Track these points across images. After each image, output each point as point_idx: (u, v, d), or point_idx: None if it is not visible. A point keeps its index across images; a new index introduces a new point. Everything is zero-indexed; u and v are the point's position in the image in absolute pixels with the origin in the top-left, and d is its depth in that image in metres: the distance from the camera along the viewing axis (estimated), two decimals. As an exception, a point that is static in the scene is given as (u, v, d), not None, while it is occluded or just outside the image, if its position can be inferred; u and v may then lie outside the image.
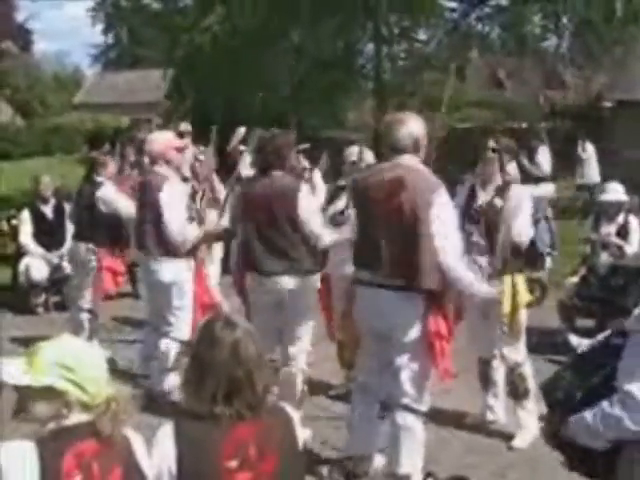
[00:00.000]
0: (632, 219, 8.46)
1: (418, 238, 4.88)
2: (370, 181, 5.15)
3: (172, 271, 6.83)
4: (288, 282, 6.01)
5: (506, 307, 5.83)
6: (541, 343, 6.62)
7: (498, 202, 5.83)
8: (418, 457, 5.16)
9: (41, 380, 2.81)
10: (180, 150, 7.05)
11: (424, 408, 5.17)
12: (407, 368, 5.06)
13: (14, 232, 10.76)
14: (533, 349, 6.44)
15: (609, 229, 8.50)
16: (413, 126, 5.07)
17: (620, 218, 8.48)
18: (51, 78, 56.04)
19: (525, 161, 10.57)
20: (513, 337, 5.96)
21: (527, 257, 6.16)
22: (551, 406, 3.61)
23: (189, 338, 7.03)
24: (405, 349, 5.04)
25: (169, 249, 6.74)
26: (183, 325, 6.97)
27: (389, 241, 4.98)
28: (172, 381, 6.92)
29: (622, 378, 3.17)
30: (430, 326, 4.95)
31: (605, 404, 3.21)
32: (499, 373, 6.27)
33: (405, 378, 5.07)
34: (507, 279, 5.81)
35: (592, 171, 17.89)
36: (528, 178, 9.22)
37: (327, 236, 5.98)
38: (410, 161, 5.04)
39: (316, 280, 6.44)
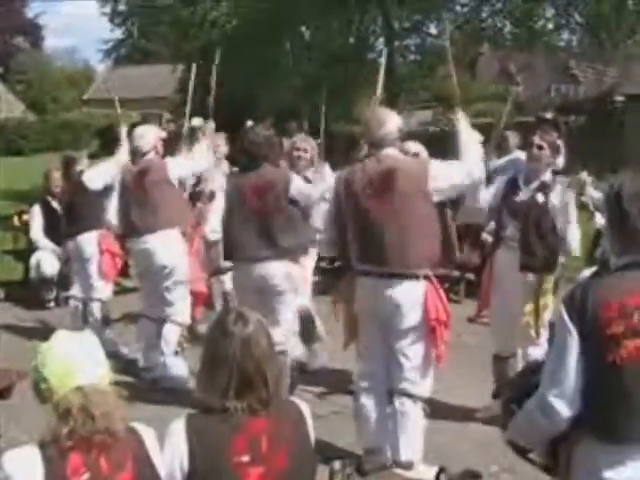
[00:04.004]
0: None
1: (417, 223, 5.07)
2: (360, 175, 5.22)
3: (170, 252, 7.15)
4: (275, 267, 6.19)
5: (531, 306, 5.85)
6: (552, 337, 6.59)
7: (540, 197, 5.88)
8: (418, 443, 5.22)
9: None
10: (164, 141, 7.54)
11: (425, 394, 5.24)
12: (408, 354, 5.15)
13: (25, 227, 10.77)
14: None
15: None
16: (394, 122, 5.26)
17: None
18: (62, 74, 56.15)
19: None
20: (537, 335, 5.95)
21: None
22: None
23: (190, 322, 7.39)
24: (406, 335, 5.13)
25: (171, 223, 7.16)
26: (183, 308, 7.26)
27: (388, 230, 5.08)
28: (178, 365, 7.02)
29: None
30: (431, 312, 5.07)
31: (528, 402, 3.09)
32: (515, 370, 6.22)
33: (405, 364, 5.15)
34: (534, 278, 5.86)
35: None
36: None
37: (315, 189, 6.30)
38: (393, 152, 5.20)
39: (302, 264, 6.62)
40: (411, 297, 5.09)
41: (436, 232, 5.20)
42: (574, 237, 5.96)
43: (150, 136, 7.36)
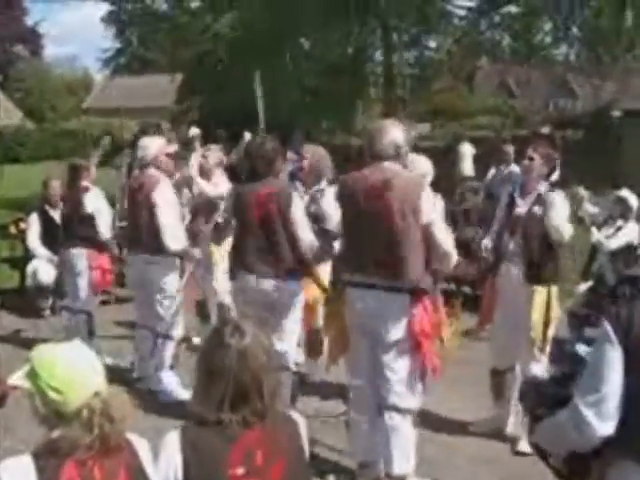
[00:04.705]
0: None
1: (405, 237, 5.00)
2: (356, 185, 5.20)
3: (163, 269, 7.11)
4: (278, 281, 6.12)
5: (539, 319, 5.83)
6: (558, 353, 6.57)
7: (537, 210, 5.89)
8: (410, 456, 5.19)
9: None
10: (170, 156, 7.36)
11: (413, 407, 5.22)
12: (394, 367, 5.12)
13: (22, 235, 10.75)
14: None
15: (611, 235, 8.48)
16: (395, 135, 5.19)
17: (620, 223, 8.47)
18: (61, 82, 56.21)
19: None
20: (539, 350, 5.91)
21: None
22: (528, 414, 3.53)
23: (183, 335, 7.41)
24: (392, 348, 5.10)
25: (160, 248, 6.99)
26: (176, 322, 7.24)
27: (376, 241, 5.06)
28: (171, 379, 7.02)
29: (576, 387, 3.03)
30: (416, 325, 5.03)
31: (560, 413, 3.05)
32: (514, 384, 6.16)
33: (392, 377, 5.13)
34: (542, 290, 5.85)
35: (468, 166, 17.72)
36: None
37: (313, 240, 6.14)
38: (393, 166, 5.14)
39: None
40: (397, 310, 5.06)
41: (424, 247, 5.12)
42: (566, 231, 5.95)
43: (152, 147, 7.27)
